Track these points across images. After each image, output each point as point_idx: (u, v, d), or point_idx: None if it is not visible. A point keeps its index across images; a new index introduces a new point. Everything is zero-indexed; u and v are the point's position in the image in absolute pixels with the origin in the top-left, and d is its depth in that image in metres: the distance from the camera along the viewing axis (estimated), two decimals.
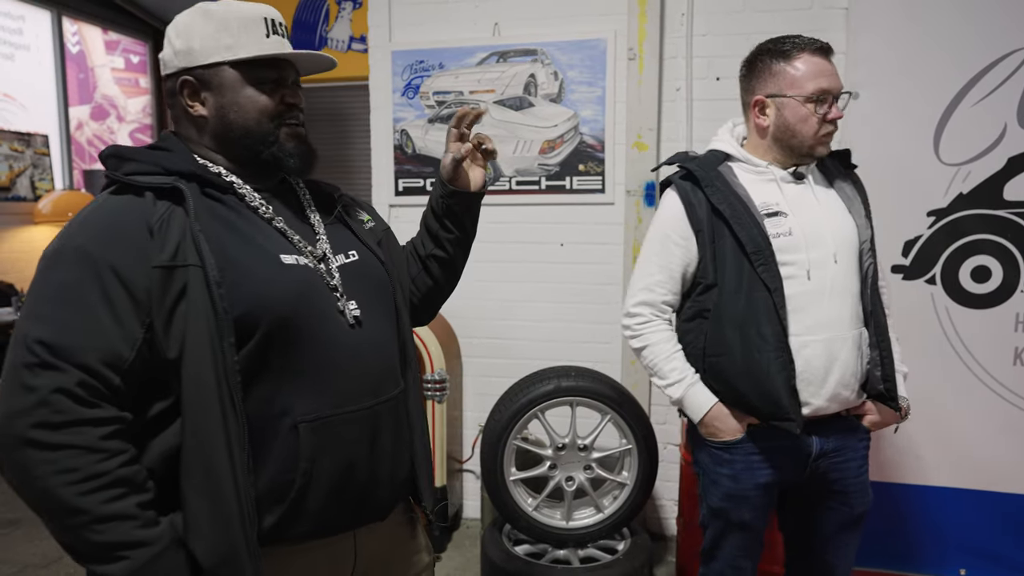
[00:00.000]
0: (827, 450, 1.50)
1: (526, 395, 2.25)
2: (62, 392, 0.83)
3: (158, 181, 0.93)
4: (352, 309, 1.03)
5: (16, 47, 5.31)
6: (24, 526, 2.92)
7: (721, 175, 1.49)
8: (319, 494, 0.97)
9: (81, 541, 0.85)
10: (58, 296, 0.86)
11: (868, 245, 1.49)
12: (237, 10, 1.01)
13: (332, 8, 3.94)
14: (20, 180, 5.16)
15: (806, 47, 1.45)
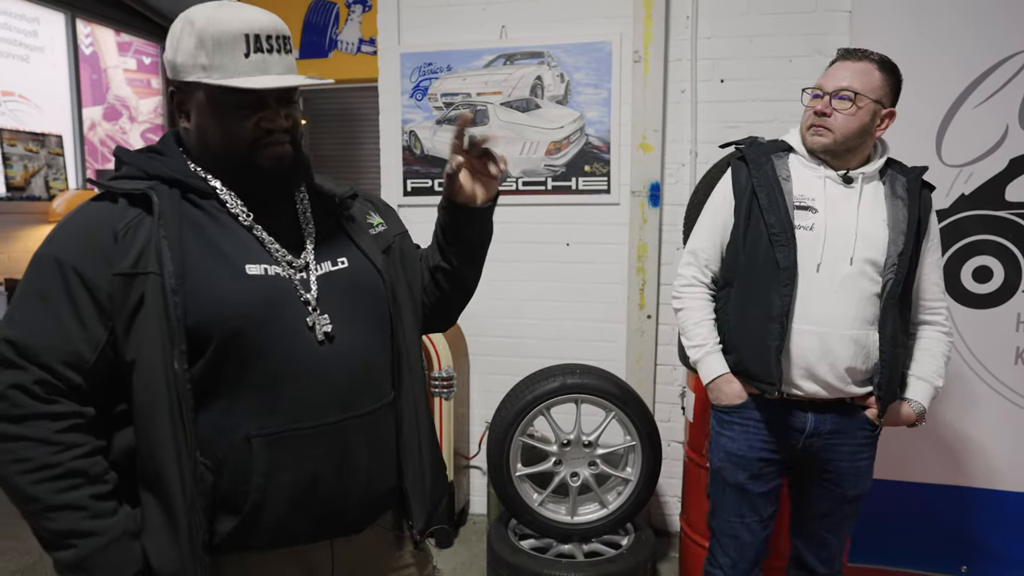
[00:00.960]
0: (822, 430, 1.61)
1: (532, 392, 2.29)
2: (19, 388, 0.88)
3: (131, 187, 0.94)
4: (323, 324, 0.99)
5: (31, 49, 5.39)
6: None
7: (772, 162, 1.62)
8: (278, 507, 0.95)
9: (38, 527, 0.89)
10: (29, 299, 0.91)
11: (895, 260, 1.54)
12: (217, 25, 0.93)
13: (342, 11, 4.00)
14: (35, 180, 5.25)
15: (842, 54, 1.62)
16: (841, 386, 1.57)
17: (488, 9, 2.79)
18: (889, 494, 2.54)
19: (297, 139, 1.02)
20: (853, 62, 1.57)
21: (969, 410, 2.43)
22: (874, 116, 1.57)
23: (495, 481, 2.31)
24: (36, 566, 2.60)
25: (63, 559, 0.89)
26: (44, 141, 5.34)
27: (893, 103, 1.63)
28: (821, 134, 1.57)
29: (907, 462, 2.52)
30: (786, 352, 1.56)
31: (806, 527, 1.74)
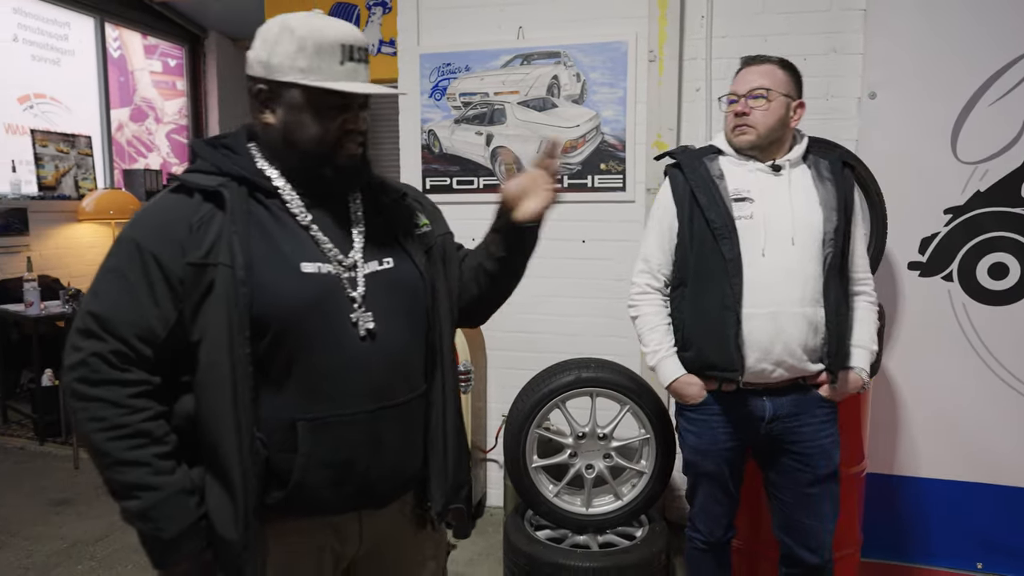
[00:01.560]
0: (781, 414, 1.72)
1: (548, 385, 2.33)
2: (98, 356, 0.98)
3: (206, 182, 1.03)
4: (366, 321, 1.07)
5: (62, 52, 5.54)
6: (75, 505, 3.09)
7: (704, 164, 1.75)
8: (317, 483, 1.05)
9: (107, 478, 1.00)
10: (112, 278, 1.02)
11: (832, 236, 1.67)
12: (318, 32, 1.02)
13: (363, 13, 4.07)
14: (65, 179, 5.39)
15: (745, 62, 1.76)
16: (795, 363, 1.67)
17: (505, 10, 2.84)
18: (904, 489, 2.55)
19: (367, 142, 1.13)
20: (757, 66, 1.72)
21: (985, 406, 2.44)
22: (787, 108, 1.71)
23: (511, 473, 2.36)
24: (70, 551, 2.70)
25: (129, 508, 1.00)
26: (74, 142, 5.48)
27: (800, 95, 1.76)
28: (745, 132, 1.70)
29: (922, 458, 2.53)
30: (742, 338, 1.65)
31: (788, 518, 1.79)
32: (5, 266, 4.73)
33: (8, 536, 2.79)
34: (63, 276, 5.00)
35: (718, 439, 1.76)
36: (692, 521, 1.93)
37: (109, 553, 2.68)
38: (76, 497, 3.17)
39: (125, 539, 2.78)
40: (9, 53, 5.09)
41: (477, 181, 2.93)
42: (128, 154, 6.30)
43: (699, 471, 1.83)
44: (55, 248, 5.13)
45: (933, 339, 2.47)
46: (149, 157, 6.54)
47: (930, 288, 2.46)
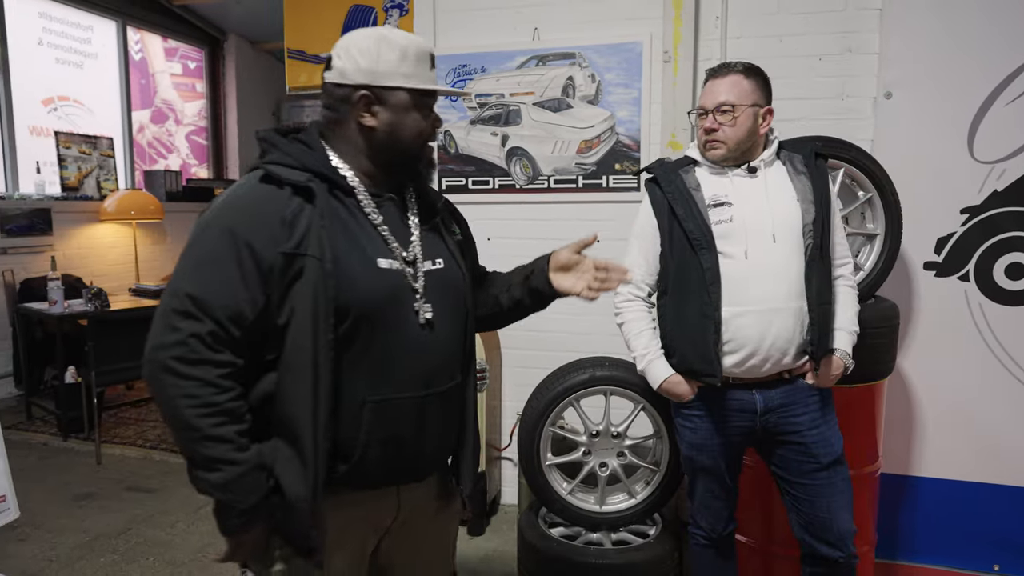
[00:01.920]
0: (773, 406, 1.75)
1: (562, 383, 2.35)
2: (197, 337, 1.05)
3: (295, 178, 1.12)
4: (426, 312, 1.19)
5: (85, 56, 5.65)
6: (98, 499, 3.16)
7: (680, 177, 1.78)
8: (372, 459, 1.16)
9: (192, 451, 1.07)
10: (206, 261, 1.08)
11: (811, 227, 1.71)
12: (414, 44, 1.17)
13: (380, 16, 4.12)
14: (87, 180, 5.49)
15: (710, 73, 1.78)
16: (782, 357, 1.70)
17: (521, 12, 2.87)
18: (919, 490, 2.54)
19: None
20: (721, 78, 1.73)
21: (1002, 407, 2.42)
22: (755, 118, 1.72)
23: (525, 470, 2.38)
24: (92, 544, 2.76)
25: (210, 479, 1.07)
26: (96, 143, 5.58)
27: (769, 101, 1.76)
28: (716, 147, 1.74)
29: (938, 458, 2.52)
30: (731, 337, 1.69)
31: (803, 515, 1.80)
32: (29, 265, 4.83)
33: (32, 528, 2.85)
34: (85, 275, 5.09)
35: (712, 434, 1.80)
36: (693, 518, 1.96)
37: (131, 546, 2.74)
38: (99, 492, 3.24)
39: (146, 533, 2.84)
40: (34, 57, 5.20)
41: (492, 181, 2.96)
42: (148, 155, 6.41)
43: (696, 466, 1.87)
44: (77, 248, 5.22)
45: (949, 339, 2.46)
46: (169, 158, 6.64)
47: (946, 288, 2.45)
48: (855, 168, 2.18)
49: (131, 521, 2.94)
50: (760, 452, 1.86)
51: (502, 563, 2.64)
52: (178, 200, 6.07)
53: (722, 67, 1.76)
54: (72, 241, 5.20)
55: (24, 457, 3.67)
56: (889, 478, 2.46)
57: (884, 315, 2.12)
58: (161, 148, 6.58)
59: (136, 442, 3.96)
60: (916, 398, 2.52)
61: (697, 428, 1.82)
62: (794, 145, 1.85)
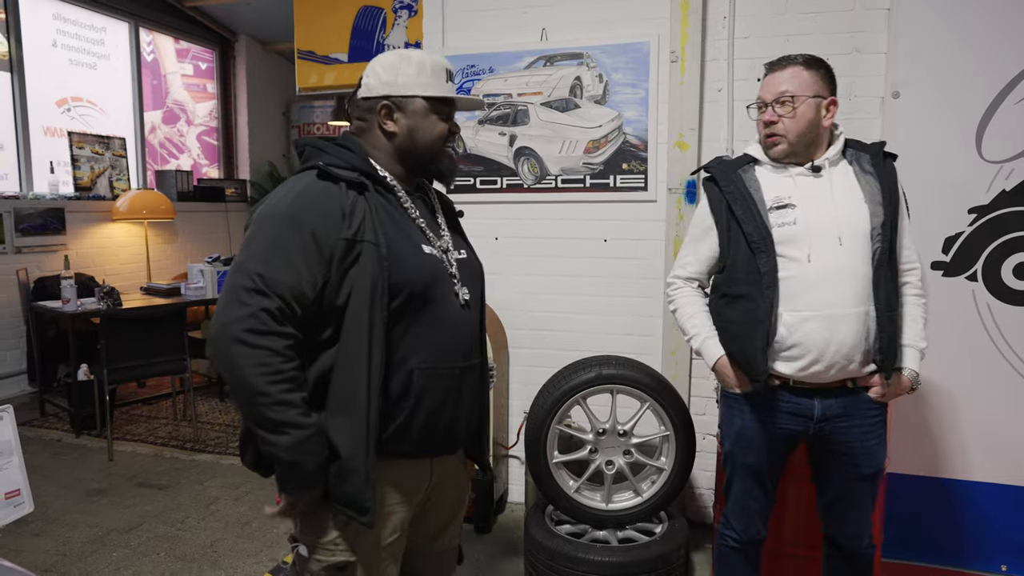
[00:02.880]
0: (831, 415, 1.71)
1: (568, 382, 2.37)
2: (267, 311, 1.17)
3: (348, 175, 1.26)
4: (464, 293, 1.36)
5: (98, 57, 5.71)
6: (110, 495, 3.20)
7: (740, 177, 1.74)
8: (418, 423, 1.29)
9: (262, 416, 1.17)
10: (272, 244, 1.20)
11: (879, 230, 1.65)
12: (431, 60, 1.35)
13: (389, 16, 4.14)
14: (100, 180, 5.56)
15: (769, 67, 1.74)
16: (848, 364, 1.65)
17: (529, 12, 2.89)
18: (927, 490, 2.54)
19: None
20: (780, 71, 1.70)
21: (1009, 407, 2.42)
22: (818, 109, 1.68)
23: (532, 468, 2.40)
24: (104, 538, 2.80)
25: (280, 442, 1.17)
26: (109, 144, 5.64)
27: (833, 92, 1.72)
28: (777, 142, 1.70)
29: (944, 458, 2.52)
30: (796, 342, 1.65)
31: (831, 508, 1.81)
32: (43, 264, 4.89)
33: (45, 523, 2.89)
34: (98, 274, 5.15)
35: (763, 430, 1.75)
36: (726, 517, 1.91)
37: (142, 541, 2.77)
38: (111, 488, 3.28)
39: (156, 529, 2.87)
40: (48, 58, 5.26)
41: (500, 181, 2.98)
42: (160, 155, 6.47)
43: (738, 462, 1.81)
44: (90, 247, 5.28)
45: (957, 339, 2.46)
46: (180, 158, 6.70)
47: (954, 288, 2.45)
48: None
49: (142, 517, 2.97)
50: (808, 455, 1.83)
51: (509, 560, 2.66)
52: (189, 200, 6.12)
53: (782, 59, 1.71)
54: (85, 240, 5.25)
55: (38, 453, 3.72)
56: (896, 478, 2.46)
57: None
58: (172, 148, 6.64)
59: (147, 439, 4.00)
60: (924, 398, 2.52)
61: (747, 423, 1.77)
62: (861, 144, 1.78)
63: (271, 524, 2.88)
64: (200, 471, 3.52)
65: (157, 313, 3.96)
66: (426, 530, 1.48)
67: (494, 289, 3.04)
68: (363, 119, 1.37)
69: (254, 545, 2.75)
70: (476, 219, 3.14)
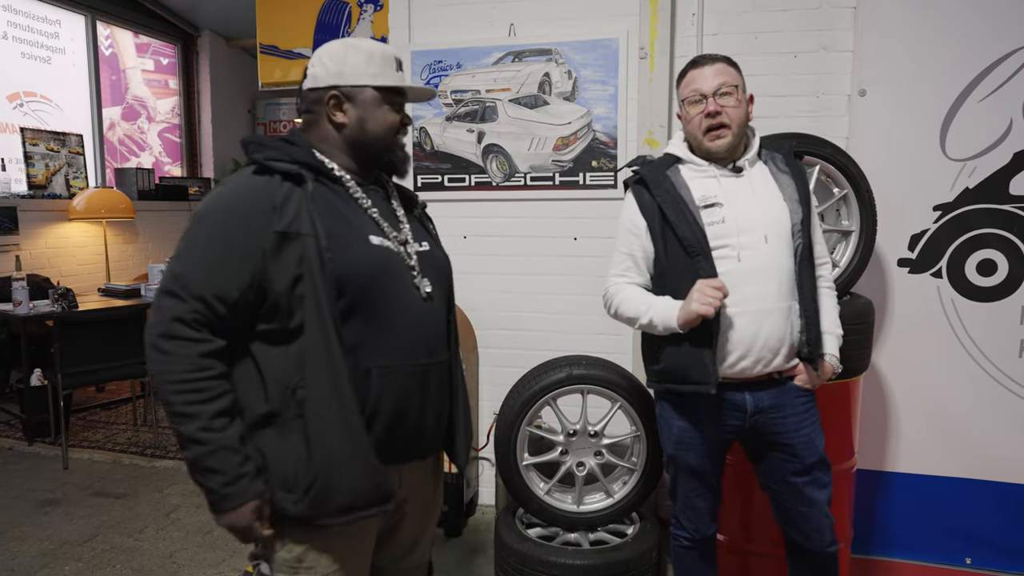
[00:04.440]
0: (763, 407, 1.72)
1: (539, 382, 2.33)
2: (179, 317, 1.12)
3: (285, 167, 1.20)
4: (425, 285, 1.30)
5: (53, 50, 5.51)
6: (63, 505, 3.07)
7: (668, 178, 1.72)
8: (380, 428, 1.22)
9: (173, 428, 1.13)
10: (197, 243, 1.16)
11: (799, 227, 1.69)
12: (379, 49, 1.30)
13: (354, 11, 4.06)
14: (56, 178, 5.36)
15: (692, 64, 1.72)
16: (773, 358, 1.67)
17: (497, 7, 2.84)
18: (893, 485, 2.56)
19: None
20: (708, 65, 1.69)
21: (973, 403, 2.45)
22: (746, 103, 1.71)
23: (502, 471, 2.36)
24: (56, 552, 2.68)
25: (187, 457, 1.14)
26: (65, 140, 5.45)
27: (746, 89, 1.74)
28: (722, 135, 1.67)
29: (910, 454, 2.54)
30: (723, 337, 1.65)
31: (783, 507, 1.80)
32: None
33: None
34: (53, 275, 4.96)
35: (702, 433, 1.76)
36: (676, 518, 1.92)
37: (97, 554, 2.66)
38: (65, 497, 3.15)
39: (112, 540, 2.76)
40: None
41: (468, 179, 2.93)
42: (120, 153, 6.27)
43: (680, 465, 1.82)
44: (45, 247, 5.09)
45: (922, 335, 2.48)
46: (141, 156, 6.51)
47: (919, 285, 2.47)
48: (831, 165, 2.18)
49: (98, 527, 2.86)
50: (746, 451, 1.85)
51: (479, 565, 2.61)
52: (150, 199, 5.95)
53: (705, 57, 1.71)
54: (40, 240, 5.06)
55: None
56: (864, 474, 2.47)
57: (860, 312, 2.13)
58: (133, 146, 6.45)
59: (105, 446, 3.86)
60: (889, 393, 2.54)
61: (686, 426, 1.78)
62: (772, 144, 1.82)
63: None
64: (160, 478, 3.41)
65: (115, 315, 3.82)
66: (395, 546, 1.41)
67: (463, 289, 2.97)
68: (311, 111, 1.31)
69: (215, 555, 2.66)
70: (444, 217, 3.10)
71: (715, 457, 1.80)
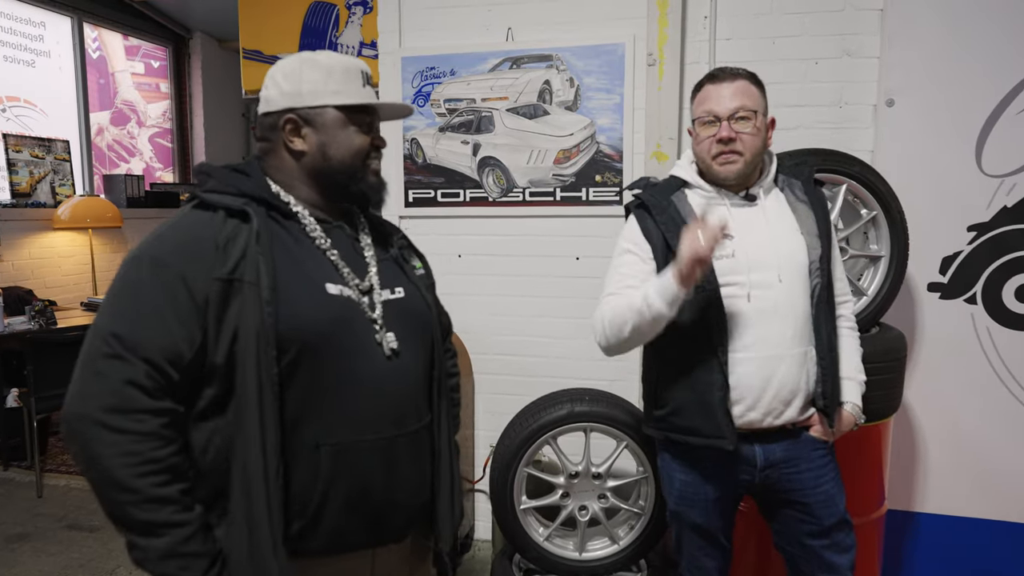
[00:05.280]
0: (775, 460, 1.52)
1: (537, 420, 2.14)
2: (132, 383, 0.93)
3: (229, 201, 1.03)
4: (390, 341, 1.10)
5: (37, 53, 5.33)
6: (33, 540, 2.89)
7: (674, 203, 1.53)
8: (333, 514, 1.04)
9: (130, 517, 0.94)
10: (133, 297, 0.97)
11: (817, 264, 1.50)
12: (340, 61, 1.12)
13: (342, 13, 3.86)
14: (41, 186, 5.18)
15: (710, 78, 1.52)
16: (785, 409, 1.49)
17: (493, 10, 2.65)
18: (922, 527, 2.37)
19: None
20: (728, 82, 1.48)
21: (1010, 439, 2.25)
22: (765, 128, 1.52)
23: (498, 514, 2.17)
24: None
25: (154, 546, 0.95)
26: (50, 146, 5.26)
27: (767, 112, 1.54)
28: (732, 161, 1.48)
29: (941, 493, 2.35)
30: (729, 402, 1.46)
31: (801, 573, 1.62)
32: None
33: None
34: (38, 287, 4.79)
35: (707, 488, 1.57)
36: None
37: None
38: (35, 531, 2.96)
39: None
40: None
41: (463, 194, 2.74)
42: (109, 159, 6.09)
43: (684, 521, 1.63)
44: (28, 258, 4.91)
45: (954, 366, 2.29)
46: (131, 162, 6.33)
47: (952, 311, 2.28)
48: (859, 184, 1.99)
49: (66, 566, 2.68)
50: (759, 507, 1.66)
51: None
52: (140, 206, 5.77)
53: (726, 72, 1.50)
54: (23, 251, 4.89)
55: None
56: (892, 514, 2.28)
57: (891, 347, 1.93)
58: (122, 151, 6.27)
59: None
60: (918, 428, 2.34)
61: (689, 480, 1.59)
62: (791, 167, 1.62)
63: None
64: None
65: None
66: None
67: (457, 311, 2.78)
68: (266, 139, 1.13)
69: None
70: (437, 235, 2.92)
71: (724, 513, 1.61)
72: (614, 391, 2.31)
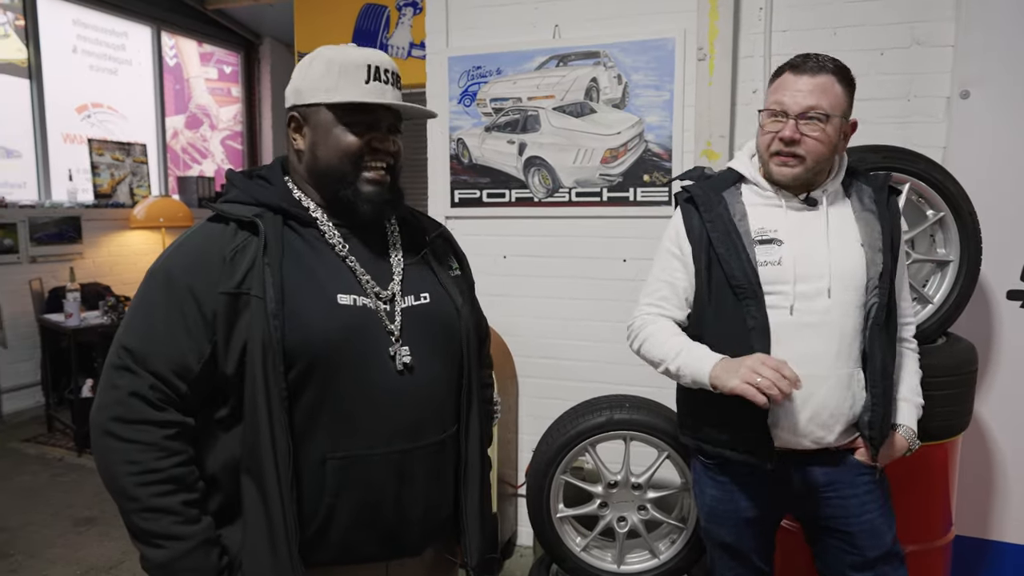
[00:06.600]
0: (815, 485, 1.42)
1: (575, 427, 2.08)
2: (137, 395, 0.95)
3: (240, 212, 1.02)
4: (404, 355, 1.05)
5: (119, 62, 5.63)
6: (99, 524, 3.04)
7: (724, 200, 1.43)
8: (340, 527, 1.02)
9: (132, 524, 0.96)
10: (145, 311, 1.00)
11: (876, 282, 1.38)
12: (344, 56, 1.06)
13: (393, 15, 3.90)
14: (120, 187, 5.47)
15: (792, 66, 1.37)
16: (824, 434, 1.37)
17: (540, 7, 2.60)
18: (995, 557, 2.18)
19: (397, 168, 1.11)
20: (809, 76, 1.34)
21: None
22: (840, 132, 1.37)
23: (534, 522, 2.12)
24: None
25: (153, 557, 0.96)
26: (130, 150, 5.56)
27: (850, 113, 1.39)
28: (791, 164, 1.36)
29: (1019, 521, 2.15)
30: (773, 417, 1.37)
31: None
32: (59, 273, 4.81)
33: (26, 557, 2.74)
34: (115, 283, 5.06)
35: (739, 506, 1.47)
36: None
37: None
38: (101, 516, 3.12)
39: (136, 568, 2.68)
40: (68, 64, 5.19)
41: (509, 194, 2.70)
42: (183, 161, 6.39)
43: (714, 539, 1.54)
44: (107, 256, 5.20)
45: None
46: (203, 164, 6.61)
47: None
48: (924, 183, 1.84)
49: (126, 552, 2.80)
50: (804, 532, 1.55)
51: None
52: None
53: (810, 61, 1.35)
54: (102, 249, 5.18)
55: (37, 474, 3.60)
56: (960, 541, 2.10)
57: (960, 359, 1.78)
58: (195, 153, 6.56)
59: None
60: (994, 449, 2.15)
61: (720, 496, 1.49)
62: (863, 174, 1.48)
63: None
64: None
65: None
66: None
67: (501, 312, 2.78)
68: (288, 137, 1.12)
69: None
70: (482, 236, 2.90)
71: (759, 533, 1.51)
72: (659, 398, 2.22)
